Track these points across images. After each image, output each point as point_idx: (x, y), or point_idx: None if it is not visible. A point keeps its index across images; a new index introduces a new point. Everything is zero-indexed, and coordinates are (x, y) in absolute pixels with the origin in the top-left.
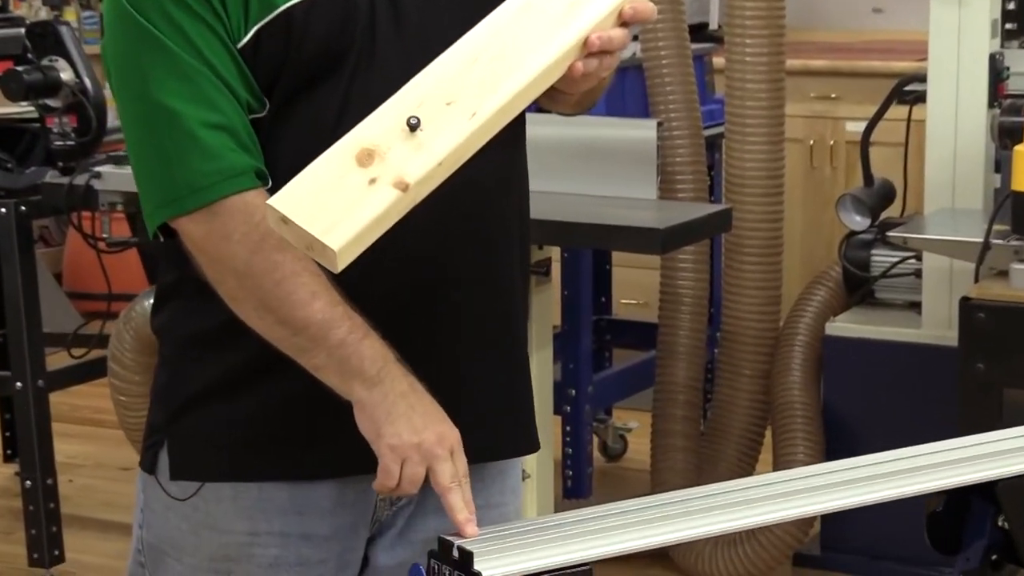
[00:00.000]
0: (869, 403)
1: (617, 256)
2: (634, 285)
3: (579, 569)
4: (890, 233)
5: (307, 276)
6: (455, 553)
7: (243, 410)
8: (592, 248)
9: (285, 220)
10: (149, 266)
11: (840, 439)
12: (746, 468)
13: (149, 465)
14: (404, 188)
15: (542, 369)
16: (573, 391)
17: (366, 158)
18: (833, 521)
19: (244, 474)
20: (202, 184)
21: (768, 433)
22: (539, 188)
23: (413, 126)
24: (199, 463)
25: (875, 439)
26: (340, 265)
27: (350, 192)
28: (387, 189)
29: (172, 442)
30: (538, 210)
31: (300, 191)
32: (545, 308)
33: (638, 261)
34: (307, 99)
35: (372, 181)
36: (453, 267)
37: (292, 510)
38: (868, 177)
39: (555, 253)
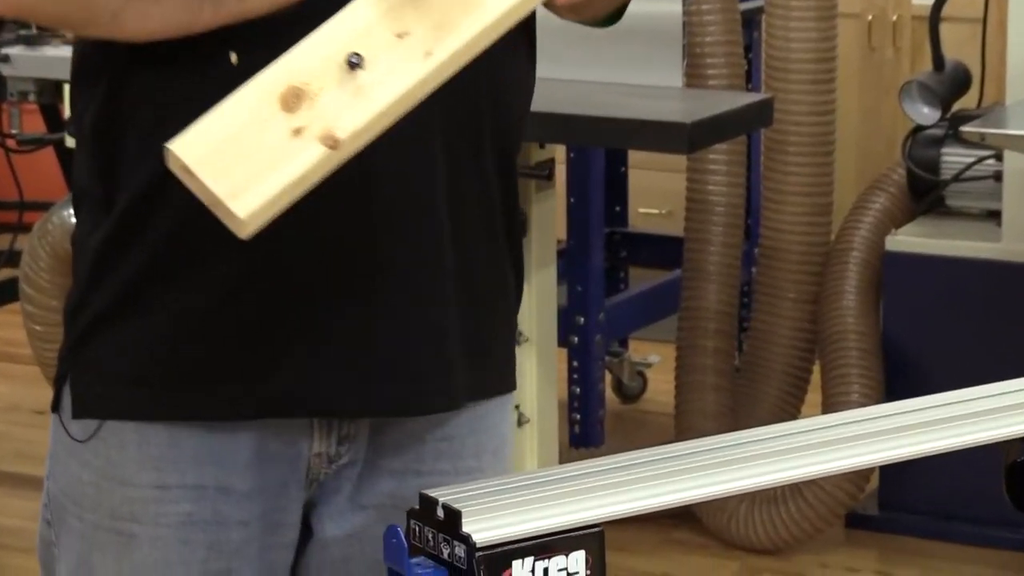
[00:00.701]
0: (937, 332)
1: (634, 156)
2: (655, 191)
3: (588, 531)
4: (964, 128)
5: None
6: (439, 512)
7: (144, 334)
8: (604, 147)
9: (187, 170)
10: (69, 169)
11: (902, 376)
12: (789, 410)
13: (55, 402)
14: (333, 145)
15: (543, 293)
16: (581, 319)
17: (293, 99)
18: (894, 475)
19: (148, 412)
20: None
21: (816, 369)
22: (540, 74)
23: (353, 64)
24: (99, 398)
25: (944, 375)
26: (245, 234)
27: (269, 144)
28: (313, 145)
29: (74, 374)
30: (539, 100)
31: (209, 136)
32: (547, 219)
33: (660, 162)
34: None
35: (297, 132)
36: (384, 157)
37: (208, 459)
38: (938, 60)
39: (559, 153)
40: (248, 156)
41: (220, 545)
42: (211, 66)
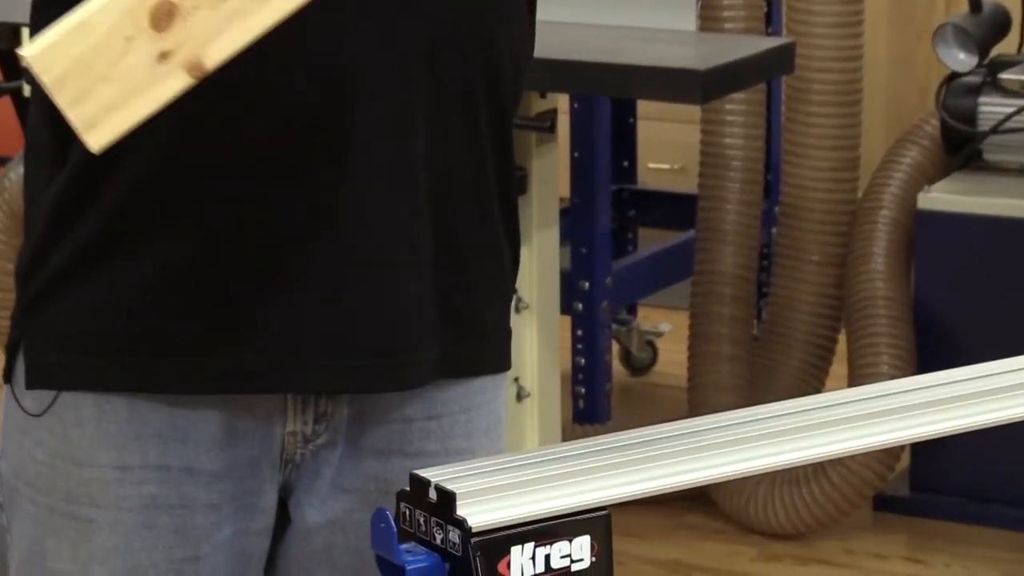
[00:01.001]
0: (974, 298)
1: (644, 107)
2: (666, 145)
3: (593, 515)
4: (1003, 75)
5: None
6: (432, 494)
7: (103, 298)
8: (611, 96)
9: (42, 83)
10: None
11: (935, 345)
12: (812, 383)
13: (7, 372)
14: (200, 75)
15: (545, 256)
16: (586, 284)
17: (164, 17)
18: (926, 453)
19: (107, 382)
20: None
21: (841, 338)
22: (541, 17)
23: None
24: (54, 366)
25: (981, 345)
26: (95, 151)
27: (132, 67)
28: (178, 73)
29: (28, 340)
30: (540, 45)
31: (69, 48)
32: (548, 175)
33: (672, 113)
34: None
35: (163, 56)
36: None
37: (172, 437)
38: (975, 1)
39: (562, 103)
40: (108, 79)
41: (187, 530)
42: None
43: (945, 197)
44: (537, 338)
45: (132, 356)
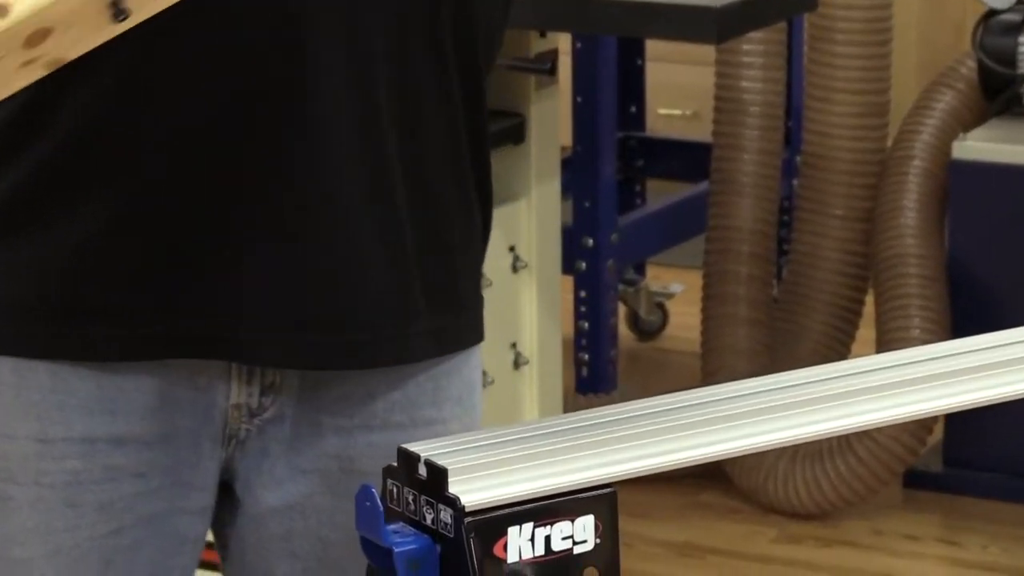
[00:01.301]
0: (1013, 255)
1: (653, 47)
2: (678, 89)
3: (598, 493)
4: None
5: None
6: (421, 470)
7: (26, 256)
8: (617, 35)
9: None
10: None
11: (971, 307)
12: (837, 348)
13: None
14: (58, 67)
15: (545, 210)
16: (590, 241)
17: (38, 38)
18: (961, 425)
19: (29, 347)
20: None
21: (869, 299)
22: None
23: (119, 13)
24: None
25: (1021, 306)
26: None
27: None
28: (38, 71)
29: None
30: None
31: None
32: (549, 122)
33: (684, 54)
34: None
35: (27, 63)
36: (315, 53)
37: (99, 408)
38: None
39: (564, 43)
40: None
41: (112, 504)
42: None
43: (982, 146)
44: (536, 300)
45: (57, 320)
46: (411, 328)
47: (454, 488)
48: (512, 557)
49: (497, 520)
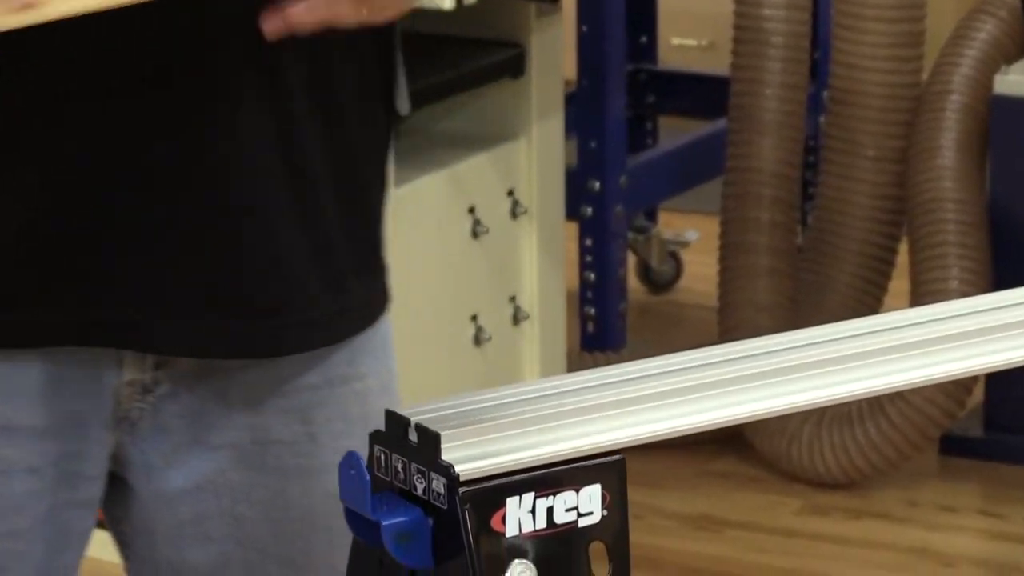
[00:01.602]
0: None
1: None
2: (693, 17)
3: (605, 460)
4: None
5: None
6: (412, 436)
7: None
8: None
9: None
10: None
11: (1014, 256)
12: (868, 301)
13: None
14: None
15: (546, 150)
16: (597, 184)
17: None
18: (1003, 386)
19: None
20: None
21: (903, 248)
22: None
23: None
24: None
25: None
26: None
27: None
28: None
29: None
30: None
31: None
32: (551, 54)
33: None
34: None
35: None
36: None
37: None
38: None
39: None
40: None
41: (2, 500)
42: None
43: None
44: (537, 249)
45: None
46: (336, 306)
47: (447, 455)
48: (511, 530)
49: (495, 490)
